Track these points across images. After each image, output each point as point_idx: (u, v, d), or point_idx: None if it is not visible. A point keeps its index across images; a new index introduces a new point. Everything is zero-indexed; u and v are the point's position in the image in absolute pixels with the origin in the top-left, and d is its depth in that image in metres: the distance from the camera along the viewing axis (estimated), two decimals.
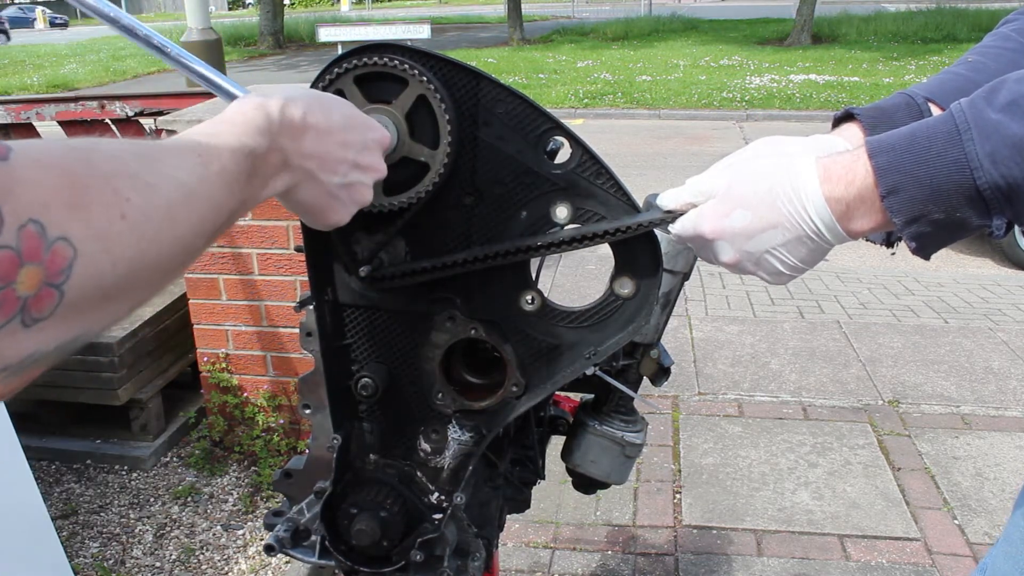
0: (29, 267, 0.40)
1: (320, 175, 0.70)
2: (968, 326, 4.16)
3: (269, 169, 0.64)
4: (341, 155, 0.71)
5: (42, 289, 0.41)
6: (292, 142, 0.66)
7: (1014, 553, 1.03)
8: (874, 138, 0.71)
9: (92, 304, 0.45)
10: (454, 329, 0.95)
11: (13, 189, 0.40)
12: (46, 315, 0.42)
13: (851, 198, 0.71)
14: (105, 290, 0.45)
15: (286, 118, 0.65)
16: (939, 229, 0.69)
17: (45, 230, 0.41)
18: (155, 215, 0.49)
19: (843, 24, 19.10)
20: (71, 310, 0.43)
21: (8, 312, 0.40)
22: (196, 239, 0.54)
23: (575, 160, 0.88)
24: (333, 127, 0.70)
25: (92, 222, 0.44)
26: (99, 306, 0.46)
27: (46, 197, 0.41)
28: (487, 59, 16.67)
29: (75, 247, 0.42)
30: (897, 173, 0.68)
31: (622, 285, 0.91)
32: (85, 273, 0.43)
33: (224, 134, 0.59)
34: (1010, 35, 0.95)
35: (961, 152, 0.65)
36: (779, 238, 0.75)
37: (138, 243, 0.47)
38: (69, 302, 0.43)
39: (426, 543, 1.00)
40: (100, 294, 0.45)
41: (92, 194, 0.44)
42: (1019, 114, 0.64)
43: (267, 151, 0.63)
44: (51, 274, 0.41)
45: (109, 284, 0.46)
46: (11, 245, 0.39)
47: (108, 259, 0.45)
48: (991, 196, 0.65)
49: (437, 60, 0.86)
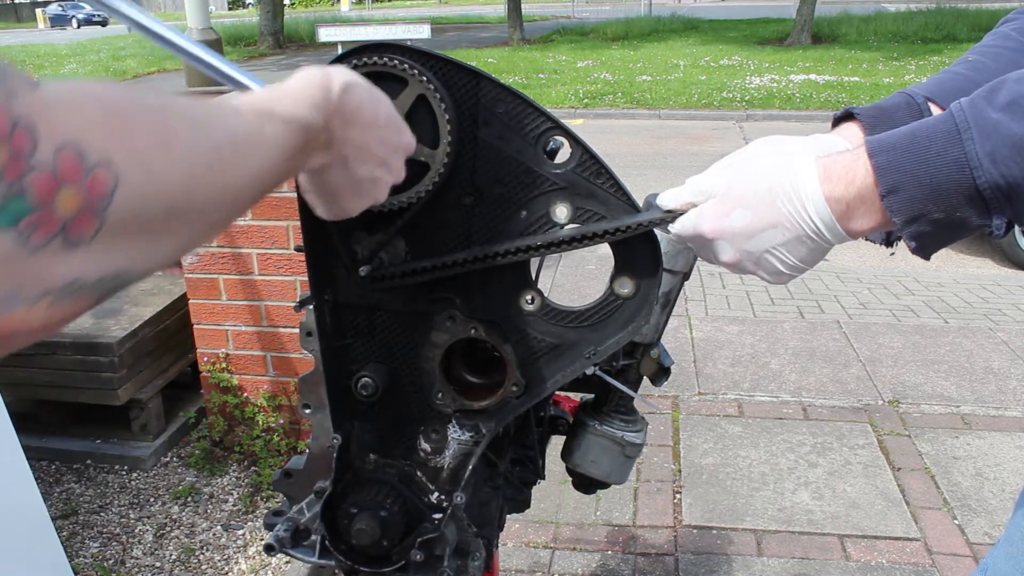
0: (67, 189, 0.40)
1: (353, 164, 0.70)
2: (968, 326, 4.16)
3: (316, 145, 0.64)
4: (377, 150, 0.72)
5: (82, 213, 0.41)
6: (341, 126, 0.66)
7: (1015, 553, 1.03)
8: (874, 137, 0.71)
9: (134, 235, 0.45)
10: (454, 329, 0.95)
11: (46, 113, 0.40)
12: (87, 239, 0.42)
13: (851, 197, 0.71)
14: (148, 222, 0.45)
15: (343, 102, 0.66)
16: (939, 229, 0.69)
17: (84, 154, 0.41)
18: (204, 155, 0.48)
19: (843, 24, 19.10)
20: (113, 237, 0.43)
21: (48, 232, 0.40)
22: (243, 192, 0.53)
23: (575, 160, 0.88)
24: (378, 122, 0.71)
25: (135, 148, 0.44)
26: (142, 239, 0.46)
27: (84, 121, 0.41)
28: (487, 59, 16.67)
29: (116, 174, 0.42)
30: (897, 172, 0.68)
31: (622, 285, 0.91)
32: (127, 200, 0.43)
33: (284, 102, 0.60)
34: (1010, 34, 0.95)
35: (961, 151, 0.65)
36: (779, 238, 0.75)
37: (185, 177, 0.47)
38: (110, 228, 0.43)
39: (426, 543, 1.00)
40: (143, 225, 0.45)
41: (136, 121, 0.44)
42: (1019, 113, 0.64)
43: (319, 130, 0.63)
44: (91, 198, 0.41)
45: (152, 216, 0.45)
46: (47, 166, 0.40)
47: (152, 188, 0.45)
48: (991, 196, 0.65)
49: (437, 60, 0.86)
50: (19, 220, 0.39)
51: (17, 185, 0.39)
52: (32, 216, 0.39)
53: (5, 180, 0.38)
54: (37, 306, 0.42)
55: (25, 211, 0.39)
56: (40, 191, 0.39)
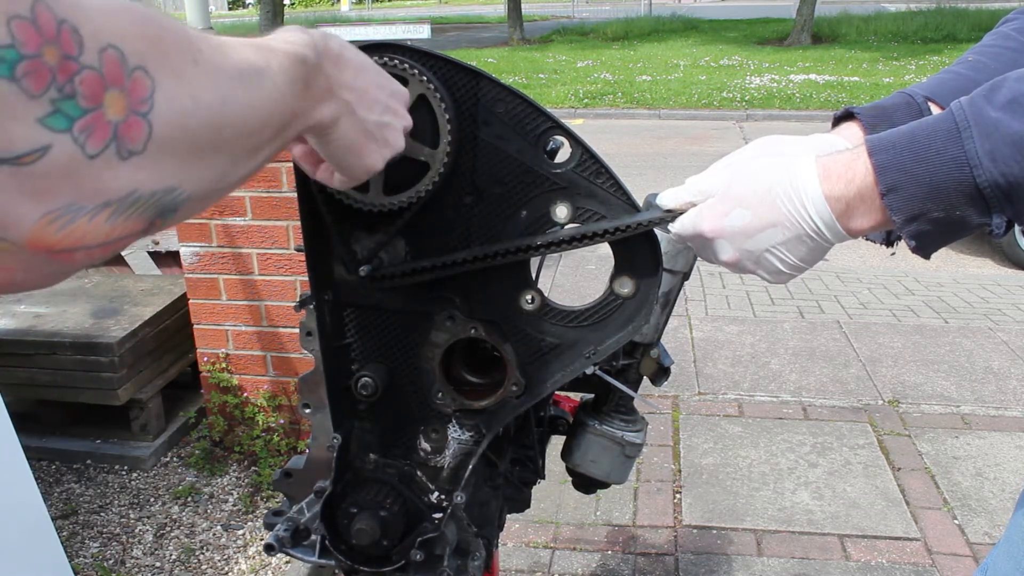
0: (113, 91, 0.41)
1: (358, 110, 0.70)
2: (968, 326, 4.16)
3: (318, 88, 0.64)
4: (376, 94, 0.72)
5: (129, 116, 0.42)
6: (335, 69, 0.67)
7: (1015, 553, 1.03)
8: (874, 136, 0.71)
9: (182, 151, 0.46)
10: (454, 329, 0.95)
11: (87, 15, 0.40)
12: (139, 148, 0.43)
13: (851, 196, 0.71)
14: (192, 136, 0.46)
15: (328, 46, 0.66)
16: (939, 227, 0.69)
17: (125, 57, 0.42)
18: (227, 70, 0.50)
19: (843, 24, 19.11)
20: (163, 147, 0.44)
21: (103, 138, 0.41)
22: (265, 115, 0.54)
23: (575, 159, 0.88)
24: (367, 66, 0.72)
25: (168, 58, 0.45)
26: (188, 157, 0.47)
27: (120, 28, 0.42)
28: (487, 59, 16.67)
29: (153, 78, 0.43)
30: (897, 171, 0.68)
31: (622, 284, 0.91)
32: (168, 106, 0.44)
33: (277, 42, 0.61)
34: (1010, 34, 0.95)
35: (961, 150, 0.65)
36: (779, 237, 0.75)
37: (215, 89, 0.48)
38: (159, 138, 0.44)
39: (426, 542, 1.00)
40: (188, 140, 0.46)
41: (164, 33, 0.45)
42: (1019, 112, 0.63)
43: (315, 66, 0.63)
44: (134, 101, 0.42)
45: (194, 126, 0.46)
46: (94, 66, 0.40)
47: (188, 97, 0.46)
48: (991, 194, 0.65)
49: (437, 59, 0.86)
50: (73, 123, 0.40)
51: (69, 86, 0.39)
52: (85, 119, 0.40)
53: (58, 81, 0.39)
54: (98, 218, 0.43)
55: (78, 113, 0.40)
56: (89, 92, 0.40)
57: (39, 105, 0.38)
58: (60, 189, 0.40)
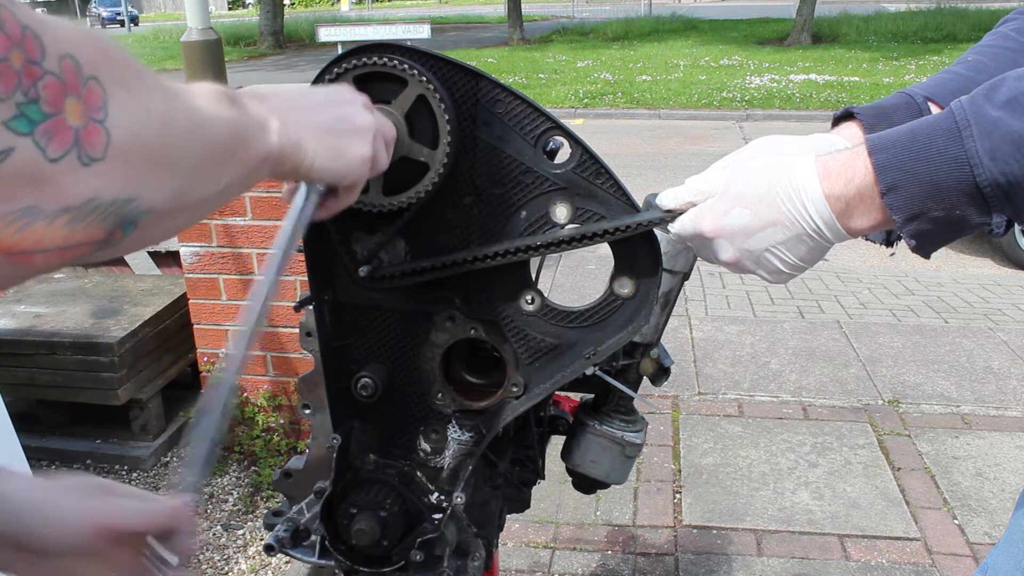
0: (72, 98, 0.42)
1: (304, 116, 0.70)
2: (968, 326, 4.16)
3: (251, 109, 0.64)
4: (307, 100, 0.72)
5: (88, 123, 0.43)
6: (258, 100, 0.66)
7: (1015, 553, 1.03)
8: (874, 135, 0.71)
9: (138, 156, 0.47)
10: (454, 329, 0.95)
11: (45, 24, 0.42)
12: (99, 154, 0.44)
13: (851, 195, 0.71)
14: (146, 143, 0.47)
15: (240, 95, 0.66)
16: (939, 227, 0.69)
17: (80, 66, 0.43)
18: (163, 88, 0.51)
19: (843, 24, 19.11)
20: (121, 156, 0.45)
21: (64, 142, 0.42)
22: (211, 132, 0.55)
23: (575, 160, 0.88)
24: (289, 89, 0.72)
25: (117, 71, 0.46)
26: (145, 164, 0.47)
27: (74, 39, 0.43)
28: (487, 59, 16.67)
29: (104, 88, 0.44)
30: (897, 170, 0.68)
31: (622, 285, 0.91)
32: (123, 115, 0.45)
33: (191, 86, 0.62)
34: (1010, 34, 0.95)
35: (961, 149, 0.65)
36: (779, 236, 0.75)
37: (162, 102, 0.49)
38: (117, 144, 0.45)
39: (426, 543, 1.00)
40: (143, 145, 0.47)
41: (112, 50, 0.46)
42: (1019, 111, 0.63)
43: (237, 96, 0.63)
44: (90, 109, 0.43)
45: (148, 136, 0.47)
46: (55, 72, 0.41)
47: (138, 106, 0.46)
48: (991, 193, 0.65)
49: (437, 60, 0.86)
50: (35, 127, 0.40)
51: (33, 90, 0.40)
52: (47, 123, 0.41)
53: (23, 84, 0.39)
54: (57, 222, 0.43)
55: (40, 117, 0.41)
56: (51, 97, 0.41)
57: (4, 107, 0.39)
58: (20, 191, 0.41)
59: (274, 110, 0.67)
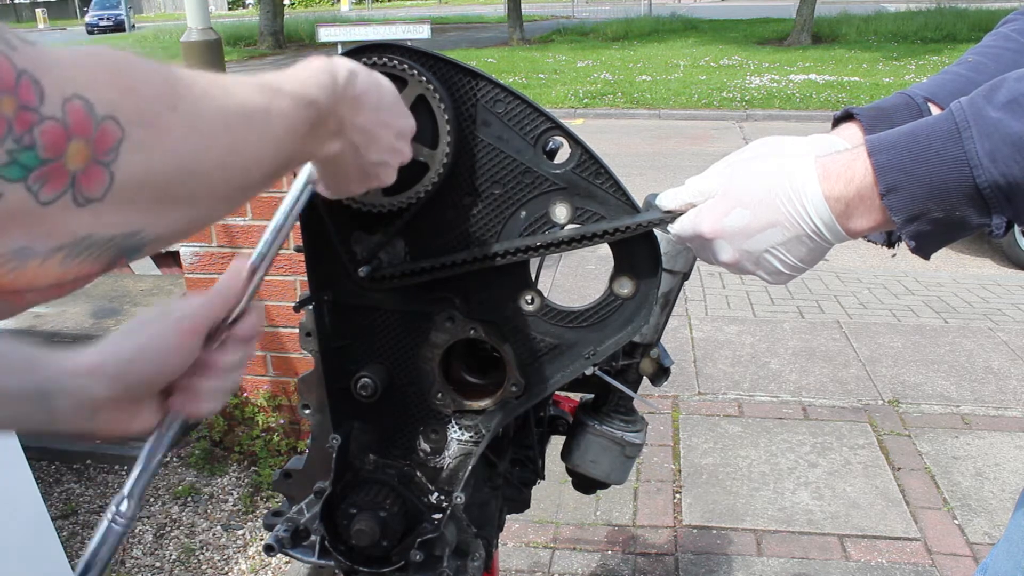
0: (77, 141, 0.40)
1: (363, 151, 0.70)
2: (968, 326, 4.16)
3: (326, 130, 0.64)
4: (384, 136, 0.72)
5: (90, 166, 0.41)
6: (350, 112, 0.66)
7: (1015, 553, 1.03)
8: (874, 136, 0.71)
9: (145, 196, 0.45)
10: (453, 329, 0.95)
11: (51, 67, 0.40)
12: (98, 196, 0.42)
13: (850, 196, 0.71)
14: (157, 183, 0.45)
15: (349, 87, 0.65)
16: (939, 227, 0.69)
17: (92, 107, 0.41)
18: (210, 116, 0.48)
19: (843, 24, 19.10)
20: (124, 196, 0.43)
21: (59, 186, 0.40)
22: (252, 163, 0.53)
23: (574, 160, 0.88)
24: (383, 107, 0.71)
25: (141, 106, 0.44)
26: (153, 201, 0.46)
27: (89, 75, 0.42)
28: (487, 59, 16.67)
29: (123, 127, 0.42)
30: (897, 171, 0.68)
31: (621, 285, 0.91)
32: (134, 156, 0.43)
33: (289, 82, 0.59)
34: (1010, 35, 0.95)
35: (961, 150, 0.65)
36: (778, 237, 0.75)
37: (191, 138, 0.47)
38: (120, 186, 0.43)
39: (425, 543, 1.00)
40: (153, 186, 0.45)
41: (141, 80, 0.44)
42: (1019, 112, 0.63)
43: (327, 112, 0.62)
44: (99, 151, 0.41)
45: (161, 176, 0.45)
46: (56, 116, 0.40)
47: (158, 146, 0.45)
48: (990, 195, 0.65)
49: (436, 60, 0.86)
50: (29, 173, 0.39)
51: (27, 137, 0.39)
52: (42, 168, 0.39)
53: (15, 131, 0.38)
54: (50, 261, 0.42)
55: (36, 163, 0.39)
56: (49, 143, 0.39)
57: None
58: (9, 234, 0.40)
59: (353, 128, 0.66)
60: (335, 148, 0.66)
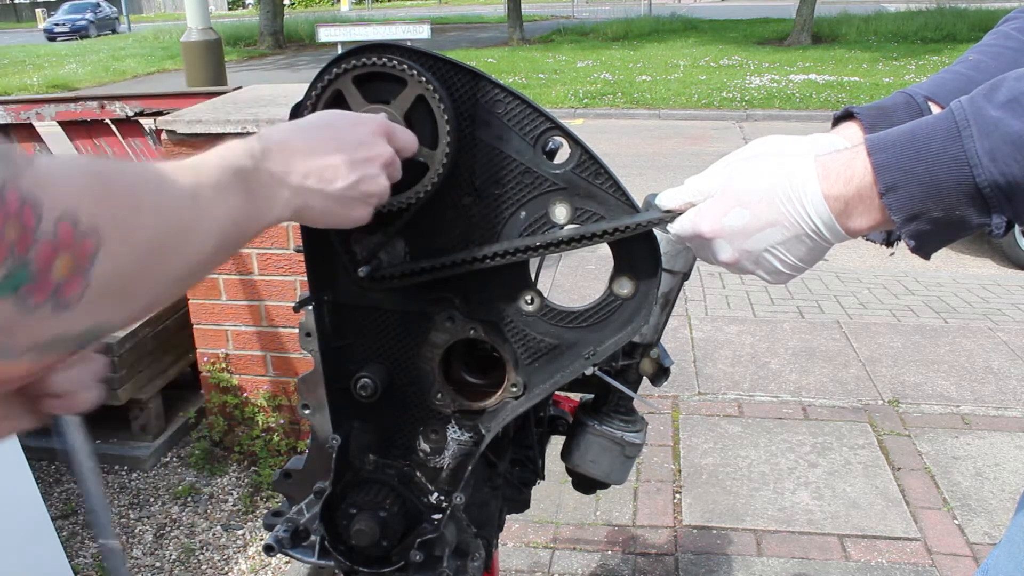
0: (63, 255, 0.44)
1: (323, 187, 0.72)
2: (968, 326, 4.16)
3: (264, 188, 0.66)
4: (338, 161, 0.73)
5: (72, 275, 0.45)
6: (281, 162, 0.68)
7: (1016, 554, 1.03)
8: (873, 135, 0.71)
9: (114, 293, 0.49)
10: (453, 329, 0.95)
11: (46, 186, 0.43)
12: (74, 301, 0.45)
13: (850, 195, 0.71)
14: (125, 280, 0.49)
15: (266, 146, 0.68)
16: (938, 227, 0.68)
17: (78, 221, 0.45)
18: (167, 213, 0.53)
19: (843, 24, 19.10)
20: (95, 297, 0.47)
21: (43, 297, 0.43)
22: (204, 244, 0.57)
23: (574, 160, 0.88)
24: (318, 139, 0.73)
25: (116, 213, 0.48)
26: (120, 296, 0.49)
27: (76, 191, 0.45)
28: (487, 59, 16.67)
29: (101, 236, 0.46)
30: (896, 170, 0.68)
31: (621, 285, 0.91)
32: (108, 260, 0.47)
33: (211, 157, 0.63)
34: (1011, 34, 0.95)
35: (960, 149, 0.65)
36: (778, 236, 0.75)
37: (154, 235, 0.51)
38: (94, 289, 0.46)
39: (425, 543, 1.00)
40: (121, 283, 0.49)
41: (115, 188, 0.49)
42: (1019, 111, 0.63)
43: (254, 171, 0.65)
44: (79, 261, 0.45)
45: (128, 273, 0.49)
46: (49, 235, 0.43)
47: (128, 247, 0.48)
48: (990, 194, 0.65)
49: (436, 60, 0.85)
50: (20, 288, 0.42)
51: (24, 256, 0.42)
52: (31, 283, 0.43)
53: (16, 253, 0.41)
54: (22, 359, 0.45)
55: (26, 280, 0.42)
56: (42, 259, 0.43)
57: None
58: None
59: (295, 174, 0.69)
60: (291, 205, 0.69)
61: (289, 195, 0.68)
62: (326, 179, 0.71)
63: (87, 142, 3.33)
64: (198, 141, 2.60)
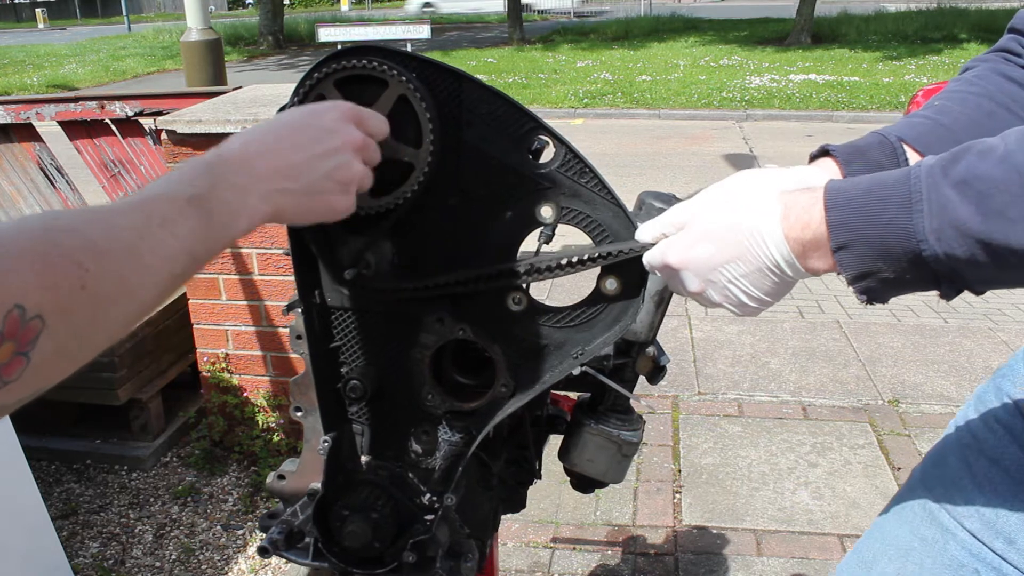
0: (8, 343, 0.46)
1: (290, 185, 0.71)
2: (968, 326, 4.16)
3: (226, 205, 0.64)
4: (300, 156, 0.72)
5: (13, 358, 0.46)
6: (240, 171, 0.67)
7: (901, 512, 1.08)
8: (834, 186, 0.72)
9: (54, 366, 0.50)
10: (442, 330, 0.95)
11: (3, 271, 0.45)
12: (14, 379, 0.47)
13: (807, 240, 0.72)
14: (66, 354, 0.51)
15: (223, 158, 0.67)
16: (887, 286, 0.70)
17: (25, 312, 0.46)
18: (109, 280, 0.53)
19: (843, 24, 19.08)
20: (35, 372, 0.49)
21: None
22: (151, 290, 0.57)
23: (559, 159, 0.88)
24: (277, 138, 0.72)
25: (59, 297, 0.49)
26: (60, 366, 0.51)
27: (25, 283, 0.47)
28: (487, 59, 16.68)
29: (45, 321, 0.48)
30: (849, 230, 0.69)
31: (608, 284, 0.91)
32: (50, 341, 0.48)
33: (159, 186, 0.62)
34: (973, 80, 0.97)
35: (910, 222, 0.66)
36: (741, 270, 0.77)
37: (96, 308, 0.52)
38: (34, 366, 0.48)
39: (418, 544, 1.00)
40: (61, 357, 0.51)
41: (59, 272, 0.49)
42: (968, 195, 0.64)
43: (213, 190, 0.64)
44: (21, 345, 0.47)
45: (69, 348, 0.51)
46: None
47: (70, 327, 0.50)
48: (936, 268, 0.66)
49: (418, 61, 0.86)
50: None
51: None
52: None
53: None
54: None
55: None
56: None
57: None
58: None
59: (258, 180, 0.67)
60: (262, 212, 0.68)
61: (256, 201, 0.67)
62: (292, 176, 0.70)
63: (87, 142, 3.34)
64: (198, 141, 2.60)
